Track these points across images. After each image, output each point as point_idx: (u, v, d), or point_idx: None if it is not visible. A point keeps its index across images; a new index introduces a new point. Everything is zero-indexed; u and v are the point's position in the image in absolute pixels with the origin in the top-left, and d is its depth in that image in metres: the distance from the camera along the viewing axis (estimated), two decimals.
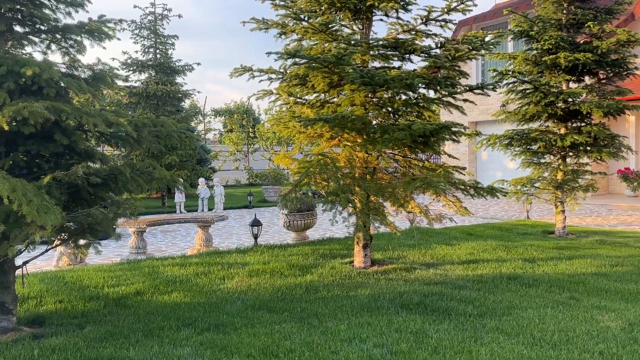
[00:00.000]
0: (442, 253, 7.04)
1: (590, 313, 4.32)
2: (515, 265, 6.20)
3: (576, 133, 8.13)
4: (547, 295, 4.91)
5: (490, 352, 3.43)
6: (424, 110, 5.82)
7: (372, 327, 3.94)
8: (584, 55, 7.78)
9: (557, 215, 8.78)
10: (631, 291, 5.01)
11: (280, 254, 6.68)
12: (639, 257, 6.71)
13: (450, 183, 5.33)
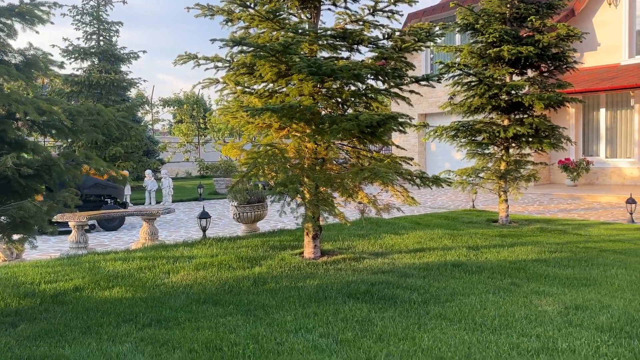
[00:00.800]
0: (390, 242, 7.13)
1: (529, 298, 4.47)
2: (460, 253, 6.35)
3: (518, 124, 8.40)
4: (490, 282, 5.06)
5: (433, 338, 3.49)
6: (372, 101, 5.84)
7: (318, 317, 3.93)
8: (526, 48, 8.03)
9: (500, 204, 9.07)
10: (568, 276, 5.23)
11: (229, 247, 6.58)
12: (577, 244, 7.02)
13: (398, 173, 5.39)
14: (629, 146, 14.39)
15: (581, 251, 6.46)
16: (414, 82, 5.53)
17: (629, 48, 14.21)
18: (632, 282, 4.94)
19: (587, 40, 14.76)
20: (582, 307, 4.15)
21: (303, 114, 5.22)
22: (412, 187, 6.21)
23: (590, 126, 15.20)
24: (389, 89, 5.60)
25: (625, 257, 6.11)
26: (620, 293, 4.60)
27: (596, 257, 6.11)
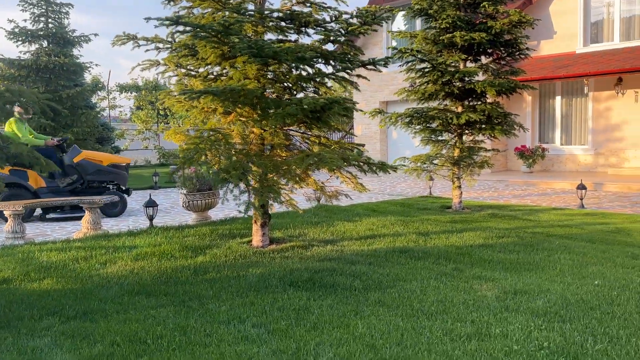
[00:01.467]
0: (342, 229, 7.06)
1: (470, 283, 4.47)
2: (409, 239, 6.33)
3: (471, 111, 8.42)
4: (434, 267, 5.04)
5: (367, 325, 3.42)
6: (320, 86, 5.71)
7: (255, 306, 3.82)
8: (479, 35, 8.03)
9: (454, 190, 9.12)
10: (511, 261, 5.26)
11: (175, 236, 6.38)
12: (524, 229, 7.11)
13: (344, 159, 5.29)
14: (583, 133, 14.73)
15: (528, 236, 6.53)
16: (361, 66, 5.43)
17: (584, 36, 14.49)
18: (574, 267, 5.00)
19: (544, 28, 15.00)
20: (521, 292, 4.16)
21: (247, 98, 5.05)
22: (373, 175, 6.13)
23: (546, 114, 15.49)
24: (335, 73, 5.48)
25: (570, 242, 6.21)
26: (561, 277, 4.64)
27: (542, 242, 6.18)
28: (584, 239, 6.41)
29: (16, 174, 8.64)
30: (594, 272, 4.78)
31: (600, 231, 6.91)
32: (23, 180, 8.69)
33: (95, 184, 9.08)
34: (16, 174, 8.64)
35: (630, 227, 7.17)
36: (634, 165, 13.63)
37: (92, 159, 9.05)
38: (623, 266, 4.99)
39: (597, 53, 13.92)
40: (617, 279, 4.51)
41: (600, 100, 14.20)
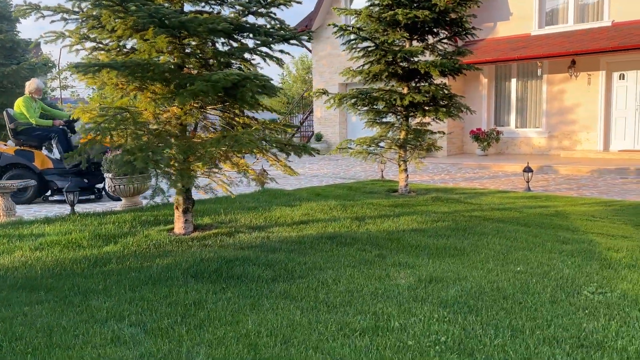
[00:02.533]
0: (278, 215, 6.75)
1: (388, 271, 4.23)
2: (343, 225, 6.08)
3: (416, 92, 8.18)
4: (357, 254, 4.79)
5: (259, 321, 3.14)
6: (244, 62, 5.35)
7: (144, 302, 3.49)
8: (422, 12, 7.74)
9: (400, 173, 8.91)
10: (439, 246, 5.06)
11: (93, 223, 5.97)
12: (464, 213, 6.94)
13: (266, 141, 4.96)
14: (537, 116, 14.74)
15: (464, 220, 6.36)
16: (282, 41, 5.08)
17: (539, 18, 14.39)
18: (500, 252, 4.82)
19: (500, 9, 14.86)
20: (437, 280, 3.94)
21: (155, 74, 4.66)
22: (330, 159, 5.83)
23: (502, 96, 15.43)
24: (257, 48, 5.12)
25: (505, 226, 6.05)
26: (484, 263, 4.45)
27: (477, 226, 6.01)
28: (520, 222, 6.27)
29: (21, 154, 8.28)
30: (520, 257, 4.61)
31: (538, 214, 6.80)
32: (28, 160, 8.29)
33: (95, 166, 8.41)
34: (21, 154, 8.28)
35: (570, 210, 7.09)
36: (586, 148, 13.71)
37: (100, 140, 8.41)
38: (551, 251, 4.84)
39: (552, 35, 13.86)
40: (541, 265, 4.35)
41: (554, 82, 14.19)
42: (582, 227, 5.98)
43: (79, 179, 8.26)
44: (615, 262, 4.38)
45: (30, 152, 8.37)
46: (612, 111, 13.45)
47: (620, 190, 9.03)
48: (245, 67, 5.48)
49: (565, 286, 3.75)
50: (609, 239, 5.31)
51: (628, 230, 5.81)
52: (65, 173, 8.30)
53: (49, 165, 8.40)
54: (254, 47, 4.99)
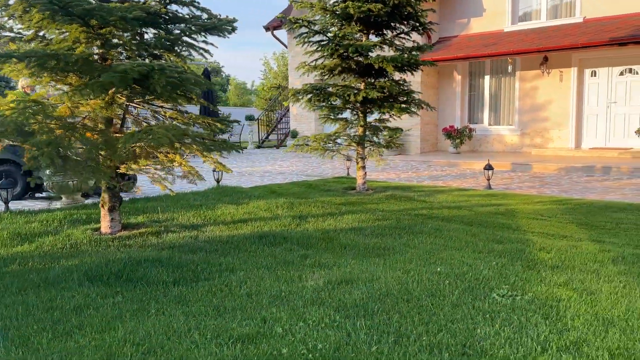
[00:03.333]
0: (220, 213, 6.55)
1: (303, 272, 4.04)
2: (282, 223, 5.89)
3: (371, 88, 7.99)
4: (281, 254, 4.60)
5: (133, 329, 2.93)
6: (167, 53, 5.13)
7: (22, 306, 3.28)
8: (375, 5, 7.55)
9: (358, 171, 8.73)
10: (368, 246, 4.88)
11: (17, 221, 5.75)
12: (411, 211, 6.77)
13: (187, 136, 4.75)
14: (510, 114, 14.59)
15: (408, 218, 6.18)
16: (204, 31, 4.86)
17: (512, 14, 14.24)
18: (428, 252, 4.64)
19: (474, 6, 14.70)
20: (348, 281, 3.75)
21: (68, 64, 4.44)
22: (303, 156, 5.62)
23: (476, 93, 15.27)
24: (181, 38, 4.90)
25: (447, 224, 5.88)
26: (406, 264, 4.27)
27: (419, 224, 5.83)
28: (464, 221, 6.10)
29: (11, 149, 7.75)
30: (445, 257, 4.43)
31: (487, 213, 6.63)
32: (16, 156, 7.83)
33: None
34: (11, 149, 7.75)
35: (521, 209, 6.92)
36: (558, 145, 13.58)
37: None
38: (481, 251, 4.66)
39: (524, 31, 13.71)
40: (463, 265, 4.17)
41: (527, 79, 14.05)
42: (525, 226, 5.82)
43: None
44: (540, 263, 4.21)
45: (22, 148, 7.93)
46: (584, 108, 13.33)
47: (582, 189, 8.89)
48: (175, 59, 5.26)
49: (476, 288, 3.57)
50: (546, 239, 5.14)
51: (571, 229, 5.65)
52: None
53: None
54: (175, 37, 4.77)
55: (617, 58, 12.65)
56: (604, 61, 12.88)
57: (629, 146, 12.48)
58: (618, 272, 3.95)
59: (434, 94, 15.46)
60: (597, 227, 5.72)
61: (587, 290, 3.51)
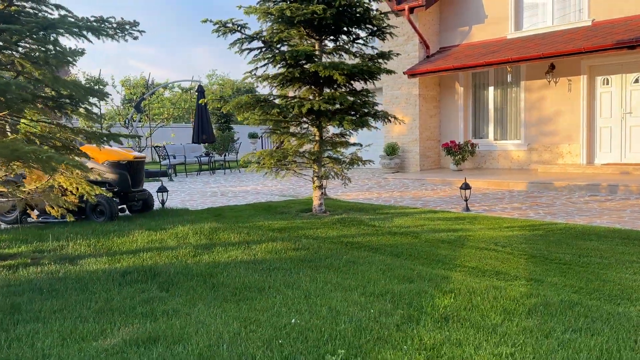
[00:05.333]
0: (122, 241, 5.81)
1: (111, 326, 3.23)
2: (178, 254, 5.12)
3: (320, 100, 7.16)
4: (134, 296, 3.82)
5: None
6: (23, 61, 4.50)
7: None
8: (317, 7, 6.76)
9: (314, 191, 7.88)
10: (243, 285, 4.03)
11: None
12: (345, 238, 5.87)
13: (21, 153, 4.06)
14: (517, 127, 13.39)
15: (332, 248, 5.28)
16: (81, 36, 4.22)
17: (516, 20, 13.15)
18: (306, 294, 3.74)
19: (475, 13, 13.70)
20: (154, 340, 2.92)
21: None
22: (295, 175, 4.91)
23: (480, 106, 14.16)
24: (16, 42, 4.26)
25: (371, 256, 4.95)
26: (259, 313, 3.39)
27: (337, 256, 4.93)
28: (395, 252, 5.14)
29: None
30: (319, 303, 3.53)
31: (433, 240, 5.64)
32: (17, 179, 7.39)
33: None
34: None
35: (478, 236, 5.89)
36: (568, 161, 12.27)
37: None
38: (372, 293, 3.73)
39: (528, 38, 12.58)
40: (330, 314, 3.26)
41: (533, 90, 12.86)
42: (462, 258, 4.81)
43: None
44: (429, 313, 3.24)
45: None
46: (596, 120, 12.00)
47: (574, 210, 7.70)
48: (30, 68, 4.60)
49: (307, 353, 2.66)
50: (471, 276, 4.14)
51: (515, 263, 4.60)
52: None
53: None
54: (14, 40, 4.14)
55: (630, 64, 11.34)
56: (617, 68, 11.57)
57: None
58: (522, 329, 2.95)
59: (435, 107, 14.44)
60: (550, 261, 4.65)
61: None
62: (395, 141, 14.31)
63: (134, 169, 7.49)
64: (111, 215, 7.11)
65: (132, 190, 7.54)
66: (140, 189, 7.78)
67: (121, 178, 7.34)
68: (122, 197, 7.64)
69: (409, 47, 14.01)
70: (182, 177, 15.48)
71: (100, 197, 6.97)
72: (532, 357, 2.56)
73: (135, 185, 7.58)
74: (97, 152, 7.23)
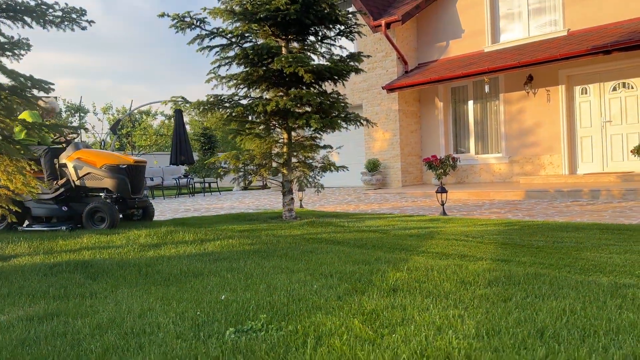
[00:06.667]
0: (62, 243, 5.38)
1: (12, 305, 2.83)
2: (120, 252, 4.71)
3: (284, 97, 6.90)
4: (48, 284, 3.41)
5: None
6: None
7: None
8: (284, 1, 6.56)
9: (284, 197, 7.53)
10: (181, 272, 3.64)
11: None
12: (309, 235, 5.50)
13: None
14: (497, 140, 13.21)
15: (291, 242, 4.91)
16: None
17: (492, 33, 13.14)
18: (246, 276, 3.36)
19: (452, 27, 13.70)
20: (54, 316, 2.52)
21: None
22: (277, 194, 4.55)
23: (460, 121, 14.00)
24: None
25: (333, 247, 4.59)
26: (189, 293, 3.00)
27: (295, 248, 4.55)
28: (359, 244, 4.78)
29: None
30: (259, 282, 3.15)
31: (402, 235, 5.28)
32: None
33: (83, 191, 6.87)
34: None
35: (451, 231, 5.54)
36: (550, 172, 12.04)
37: (85, 159, 6.73)
38: (323, 274, 3.35)
39: (505, 50, 12.53)
40: (267, 291, 2.88)
41: (512, 102, 12.73)
42: (427, 246, 4.45)
43: (57, 207, 6.72)
44: (377, 286, 2.87)
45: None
46: (576, 130, 11.84)
47: (555, 212, 7.39)
48: None
49: (223, 321, 2.28)
50: (432, 259, 3.77)
51: (484, 249, 4.25)
52: (41, 200, 6.74)
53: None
54: None
55: (608, 72, 11.26)
56: (594, 76, 11.49)
57: (629, 170, 10.86)
58: (478, 296, 2.58)
59: (416, 123, 14.28)
60: (521, 247, 4.30)
61: (389, 323, 2.17)
62: (377, 157, 14.07)
63: (133, 173, 6.90)
64: (112, 222, 6.50)
65: (131, 196, 6.97)
66: (140, 196, 7.21)
67: (120, 183, 6.70)
68: (122, 204, 7.05)
69: (388, 63, 13.94)
70: (159, 199, 15.04)
71: (99, 203, 6.52)
72: (484, 317, 2.20)
73: (135, 191, 6.99)
74: (95, 156, 6.75)
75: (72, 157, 6.74)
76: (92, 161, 6.71)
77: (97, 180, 6.66)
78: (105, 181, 6.67)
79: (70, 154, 6.78)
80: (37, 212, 6.68)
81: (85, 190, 6.87)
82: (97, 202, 6.58)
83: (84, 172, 6.66)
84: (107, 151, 6.29)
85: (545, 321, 2.10)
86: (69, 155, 6.76)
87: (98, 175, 6.66)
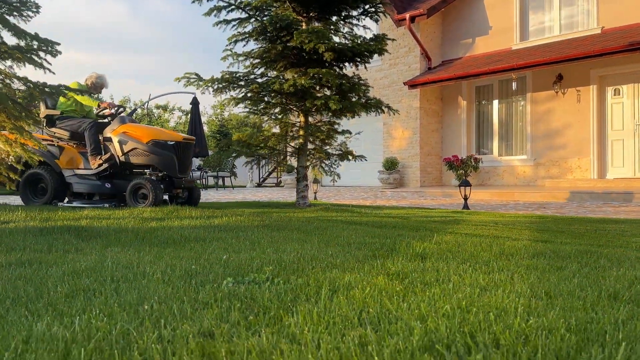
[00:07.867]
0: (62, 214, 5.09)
1: None
2: (120, 222, 4.38)
3: (303, 77, 6.54)
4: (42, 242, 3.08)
5: None
6: None
7: None
8: None
9: (298, 183, 7.16)
10: (184, 237, 3.28)
11: None
12: (324, 217, 5.12)
13: None
14: (522, 142, 12.70)
15: (304, 222, 4.53)
16: None
17: (521, 30, 12.67)
18: (252, 242, 2.99)
19: (479, 23, 13.26)
20: (28, 264, 2.18)
21: None
22: None
23: (484, 121, 13.52)
24: None
25: (349, 226, 4.19)
26: (192, 252, 2.64)
27: (309, 225, 4.17)
28: (377, 224, 4.39)
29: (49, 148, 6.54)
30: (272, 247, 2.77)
31: (424, 221, 4.88)
32: (49, 157, 6.49)
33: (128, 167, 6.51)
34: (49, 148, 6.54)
35: (481, 219, 5.12)
36: (578, 176, 11.49)
37: (131, 134, 6.32)
38: (339, 244, 2.96)
39: (534, 47, 12.05)
40: (274, 253, 2.50)
41: (539, 101, 12.22)
42: (453, 229, 4.04)
43: (100, 183, 6.39)
44: (398, 252, 2.48)
45: (60, 147, 6.61)
46: (607, 133, 11.29)
47: (585, 212, 6.91)
48: None
49: (226, 272, 1.91)
50: (462, 237, 3.36)
51: (518, 233, 3.83)
52: (84, 176, 6.45)
53: (77, 165, 6.54)
54: None
55: None
56: (628, 77, 10.96)
57: None
58: (524, 265, 2.17)
59: (437, 122, 13.83)
60: (561, 233, 3.87)
61: (421, 281, 1.77)
62: (395, 156, 13.65)
63: (181, 151, 6.43)
64: (156, 198, 6.00)
65: (178, 175, 6.48)
66: (186, 176, 6.72)
67: (167, 160, 6.25)
68: (167, 183, 6.54)
69: (410, 59, 13.54)
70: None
71: (143, 179, 6.14)
72: (538, 281, 1.79)
73: (182, 170, 6.51)
74: (142, 131, 6.34)
75: (117, 131, 6.30)
76: (138, 136, 6.26)
77: (143, 157, 6.20)
78: (151, 157, 6.20)
79: (115, 127, 6.33)
80: (79, 188, 6.32)
81: (129, 167, 6.45)
82: (141, 178, 6.17)
83: (129, 148, 6.23)
84: (154, 126, 5.84)
85: (616, 287, 1.69)
86: (114, 129, 6.31)
87: (144, 151, 6.21)
